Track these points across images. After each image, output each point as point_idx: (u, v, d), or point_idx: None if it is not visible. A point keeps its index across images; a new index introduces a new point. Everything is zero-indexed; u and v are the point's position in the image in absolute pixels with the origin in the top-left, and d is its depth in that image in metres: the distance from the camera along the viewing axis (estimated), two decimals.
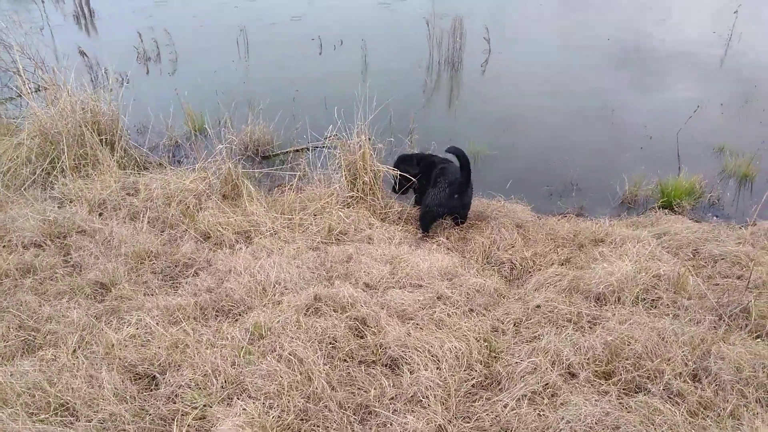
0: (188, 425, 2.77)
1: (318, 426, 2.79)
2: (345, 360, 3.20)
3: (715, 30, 10.54)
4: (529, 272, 4.26)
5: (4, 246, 4.24)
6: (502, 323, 3.58)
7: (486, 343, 3.37)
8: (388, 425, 2.79)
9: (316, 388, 2.93)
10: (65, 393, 2.87)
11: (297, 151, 6.26)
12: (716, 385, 2.98)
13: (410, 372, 3.06)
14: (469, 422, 2.86)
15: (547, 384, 2.99)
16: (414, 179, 5.00)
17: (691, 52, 9.72)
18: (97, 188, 4.94)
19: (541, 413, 2.82)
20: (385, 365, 3.19)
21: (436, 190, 4.67)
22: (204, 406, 2.85)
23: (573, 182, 5.79)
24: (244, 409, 2.76)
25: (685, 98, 7.63)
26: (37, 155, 5.27)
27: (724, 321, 3.49)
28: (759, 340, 3.31)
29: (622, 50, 9.89)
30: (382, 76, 8.56)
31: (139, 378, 3.08)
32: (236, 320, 3.50)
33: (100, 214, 4.72)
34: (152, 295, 3.79)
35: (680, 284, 3.81)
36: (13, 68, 6.39)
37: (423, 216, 4.83)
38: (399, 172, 5.00)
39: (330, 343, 3.28)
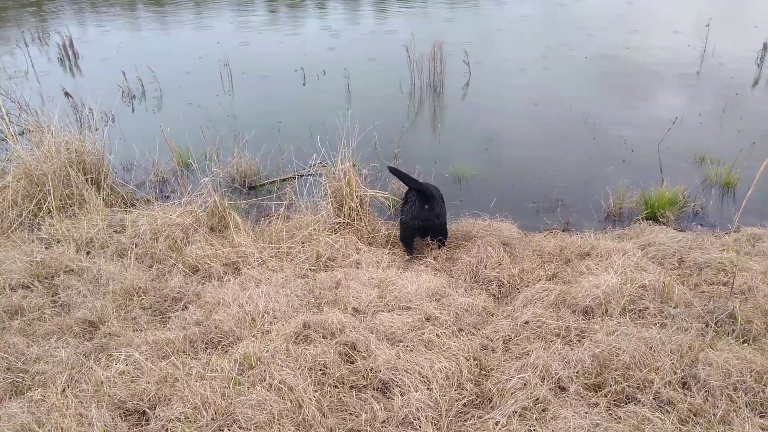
0: None
1: None
2: (335, 386, 3.20)
3: (689, 44, 10.77)
4: (517, 289, 4.29)
5: None
6: (492, 341, 3.60)
7: (476, 362, 3.37)
8: None
9: (307, 415, 2.92)
10: None
11: (283, 180, 6.30)
12: (705, 392, 2.99)
13: (401, 394, 3.06)
14: None
15: (537, 399, 2.99)
16: None
17: (667, 65, 9.92)
18: (84, 227, 4.95)
19: (532, 428, 2.82)
20: (376, 389, 3.19)
21: (408, 205, 4.78)
22: None
23: (558, 198, 5.85)
24: None
25: (664, 111, 7.76)
26: (23, 197, 5.27)
27: (711, 327, 3.51)
28: (746, 344, 3.34)
29: (600, 67, 10.09)
30: (366, 103, 8.66)
31: (129, 414, 3.06)
32: (226, 351, 3.49)
33: (88, 253, 4.72)
34: (141, 330, 3.78)
35: (666, 293, 3.84)
36: None
37: (402, 234, 4.90)
38: None
39: (320, 369, 3.28)
